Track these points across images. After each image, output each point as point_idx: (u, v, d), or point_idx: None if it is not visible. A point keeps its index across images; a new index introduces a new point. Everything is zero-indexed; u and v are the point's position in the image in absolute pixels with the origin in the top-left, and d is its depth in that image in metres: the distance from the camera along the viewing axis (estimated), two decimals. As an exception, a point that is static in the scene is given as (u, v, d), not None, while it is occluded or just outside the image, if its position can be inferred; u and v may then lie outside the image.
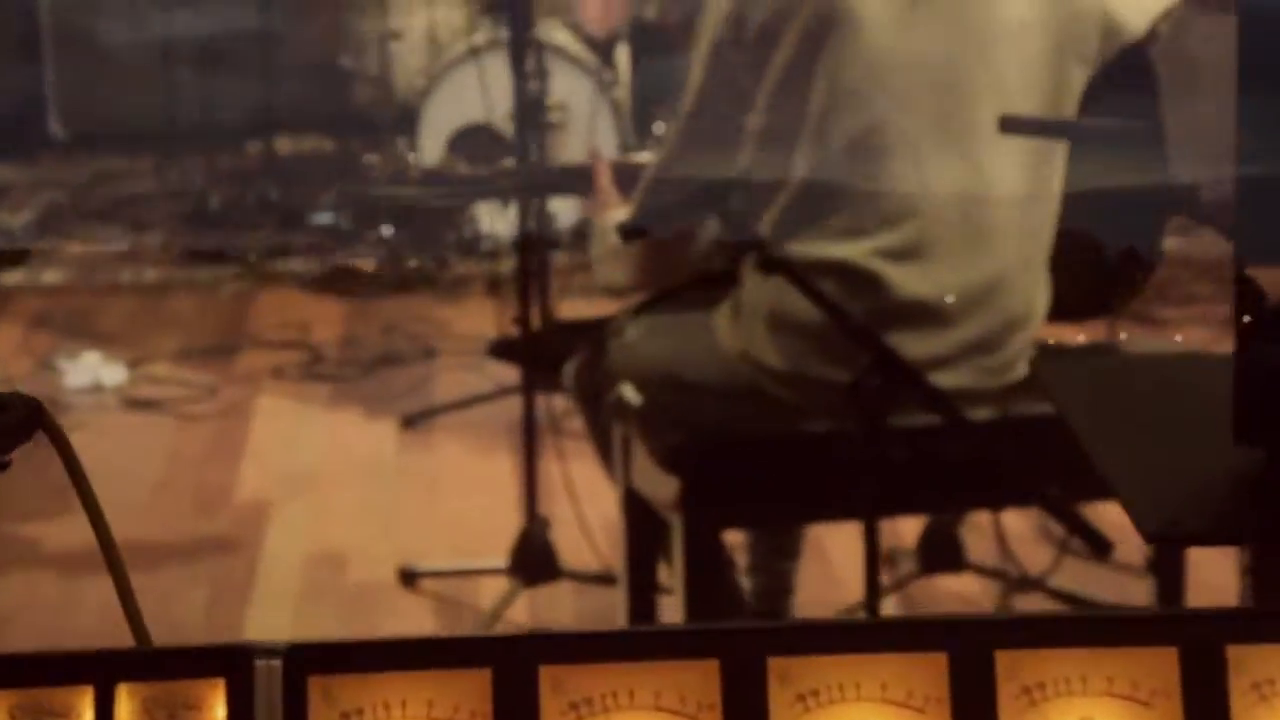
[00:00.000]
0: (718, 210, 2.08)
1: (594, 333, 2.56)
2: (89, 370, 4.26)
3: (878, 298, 2.23)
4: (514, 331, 3.50)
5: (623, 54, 5.53)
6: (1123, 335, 2.86)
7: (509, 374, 4.17)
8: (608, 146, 5.08)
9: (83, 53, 6.99)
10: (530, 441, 3.25)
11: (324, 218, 5.50)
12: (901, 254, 2.25)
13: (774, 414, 2.33)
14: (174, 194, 5.94)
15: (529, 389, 3.28)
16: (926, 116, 2.27)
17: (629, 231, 2.16)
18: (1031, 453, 2.18)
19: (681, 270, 2.38)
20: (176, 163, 5.96)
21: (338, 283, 5.10)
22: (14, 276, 4.79)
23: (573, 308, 4.39)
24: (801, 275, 1.94)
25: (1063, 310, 2.38)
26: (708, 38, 2.33)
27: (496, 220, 4.86)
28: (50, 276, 5.12)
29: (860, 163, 2.25)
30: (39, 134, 7.02)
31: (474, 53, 5.26)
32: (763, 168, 2.25)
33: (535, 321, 3.45)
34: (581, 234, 5.02)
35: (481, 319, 4.82)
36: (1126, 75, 2.31)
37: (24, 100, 7.02)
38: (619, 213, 2.56)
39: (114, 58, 6.91)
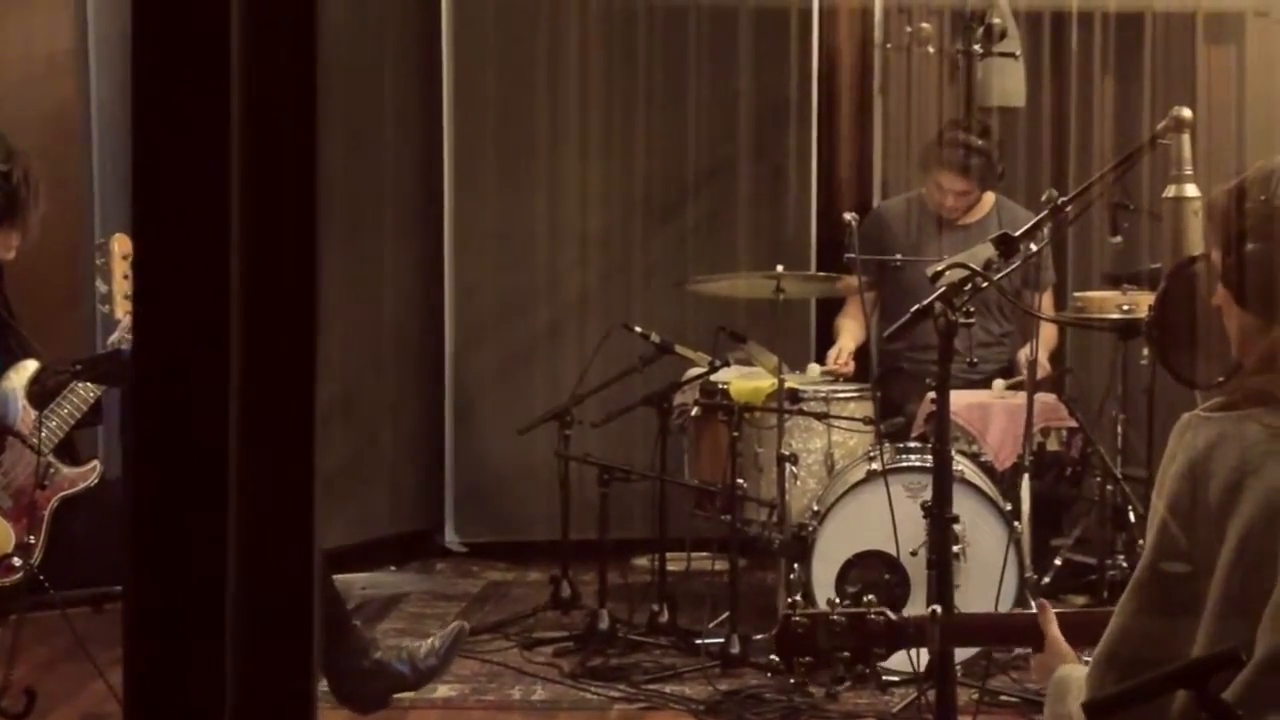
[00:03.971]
0: (1182, 688, 1.93)
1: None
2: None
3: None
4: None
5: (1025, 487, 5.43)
6: None
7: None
8: (1010, 587, 4.95)
9: (481, 468, 7.21)
10: None
11: (715, 641, 5.45)
12: (1380, 739, 2.06)
13: None
14: (565, 609, 5.97)
15: None
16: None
17: (1096, 709, 2.02)
18: None
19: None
20: (569, 577, 6.00)
21: (727, 710, 5.01)
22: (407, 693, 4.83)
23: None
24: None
25: None
26: (1163, 497, 2.23)
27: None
28: (443, 691, 5.15)
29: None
30: (437, 546, 7.22)
31: (870, 478, 5.23)
32: (1222, 641, 2.11)
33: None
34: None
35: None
36: None
37: (425, 513, 7.25)
38: (1071, 670, 2.42)
39: (508, 471, 7.11)
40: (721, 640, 5.40)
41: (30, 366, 4.55)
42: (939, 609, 2.64)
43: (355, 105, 6.87)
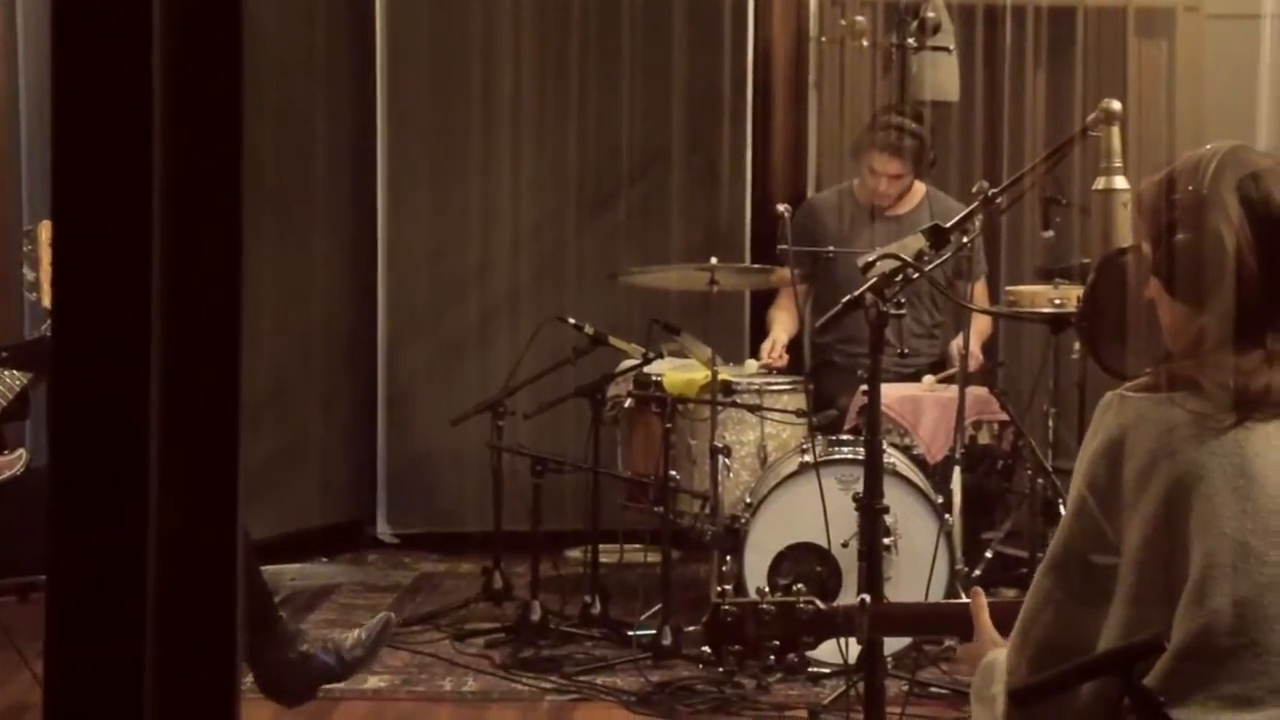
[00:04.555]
0: (1106, 675, 1.94)
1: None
2: (409, 785, 4.21)
3: (1266, 773, 2.05)
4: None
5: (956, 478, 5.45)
6: None
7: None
8: (940, 579, 4.96)
9: (413, 459, 7.19)
10: None
11: (647, 632, 5.44)
12: (1296, 727, 2.08)
13: None
14: (497, 600, 5.97)
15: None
16: (1325, 579, 2.12)
17: (1021, 696, 2.03)
18: None
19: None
20: (501, 569, 5.99)
21: (658, 701, 5.01)
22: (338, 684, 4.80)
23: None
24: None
25: None
26: (1078, 483, 2.24)
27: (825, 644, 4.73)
28: (373, 682, 5.12)
29: (1248, 627, 2.10)
30: (368, 537, 7.20)
31: (803, 471, 5.24)
32: (1137, 627, 2.12)
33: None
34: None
35: (805, 747, 4.68)
36: None
37: (357, 504, 7.22)
38: (999, 654, 2.43)
39: (440, 463, 7.09)
40: (653, 632, 5.40)
41: (-45, 355, 4.50)
42: (868, 598, 2.64)
43: (287, 95, 6.83)
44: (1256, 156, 2.28)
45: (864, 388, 5.37)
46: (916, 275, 3.20)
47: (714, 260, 5.72)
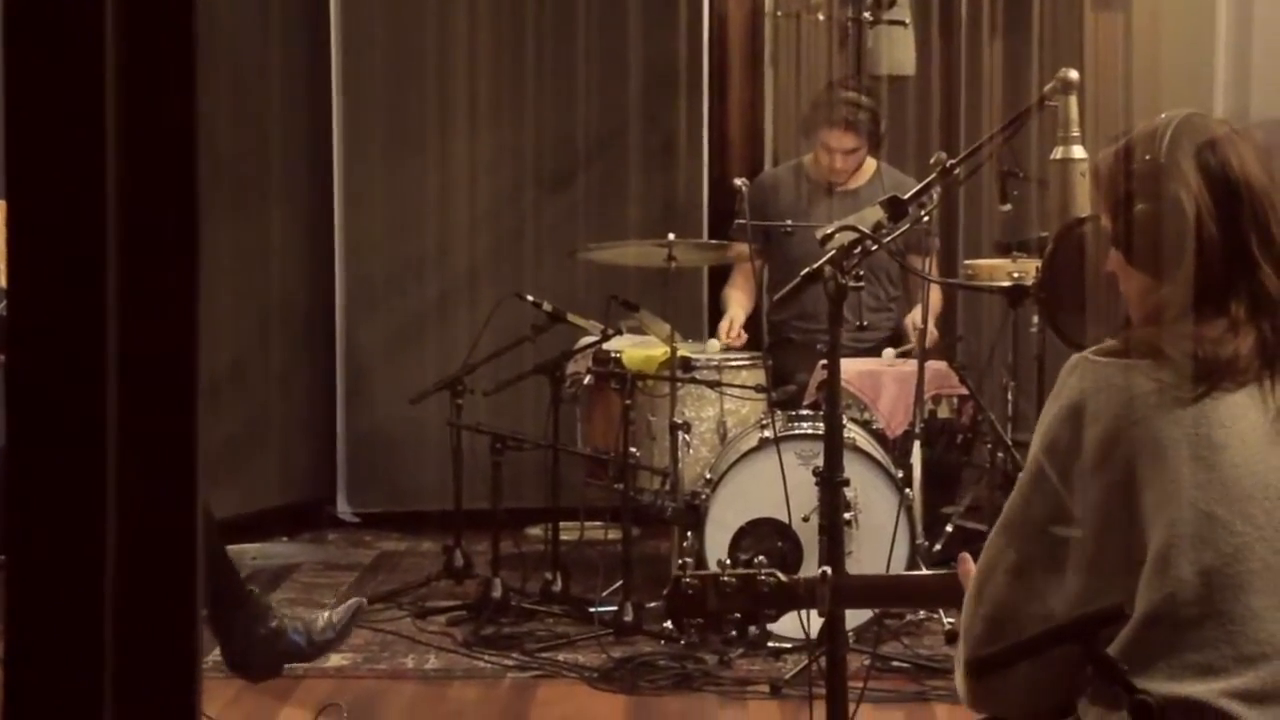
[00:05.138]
0: (1069, 643, 1.94)
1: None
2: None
3: (1231, 741, 2.06)
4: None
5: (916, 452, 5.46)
6: None
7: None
8: (901, 553, 4.96)
9: (372, 438, 7.17)
10: None
11: (608, 609, 5.44)
12: (1260, 696, 2.08)
13: None
14: (458, 578, 5.95)
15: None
16: (1291, 547, 2.12)
17: (977, 667, 2.03)
18: None
19: (1036, 701, 2.24)
20: (461, 547, 5.97)
21: (620, 677, 5.01)
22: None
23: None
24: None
25: None
26: (1038, 444, 2.24)
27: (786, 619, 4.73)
28: (336, 660, 5.11)
29: (1213, 596, 2.10)
30: (328, 516, 7.17)
31: (763, 446, 5.24)
32: (1096, 596, 2.12)
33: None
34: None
35: (767, 721, 4.68)
36: None
37: (317, 483, 7.20)
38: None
39: (400, 441, 7.07)
40: (615, 608, 5.40)
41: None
42: (829, 570, 2.64)
43: (242, 73, 6.79)
44: (1213, 123, 2.28)
45: (823, 362, 5.39)
46: (875, 248, 3.20)
47: (671, 236, 5.72)
